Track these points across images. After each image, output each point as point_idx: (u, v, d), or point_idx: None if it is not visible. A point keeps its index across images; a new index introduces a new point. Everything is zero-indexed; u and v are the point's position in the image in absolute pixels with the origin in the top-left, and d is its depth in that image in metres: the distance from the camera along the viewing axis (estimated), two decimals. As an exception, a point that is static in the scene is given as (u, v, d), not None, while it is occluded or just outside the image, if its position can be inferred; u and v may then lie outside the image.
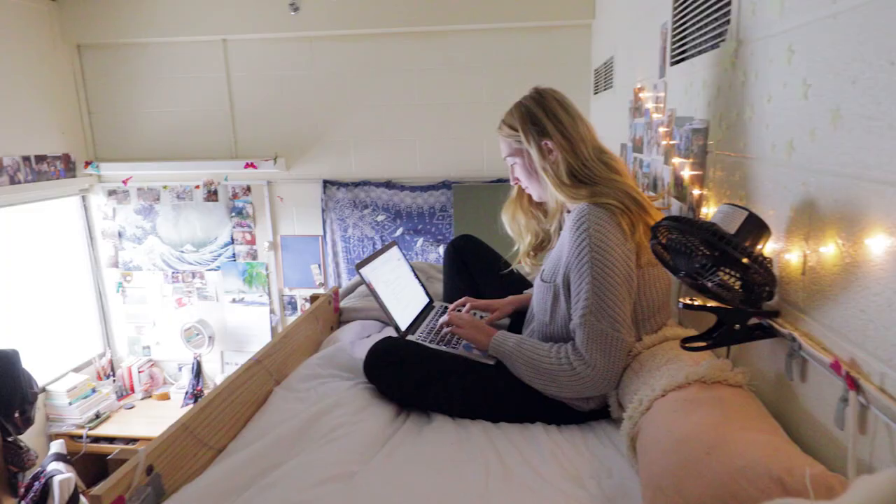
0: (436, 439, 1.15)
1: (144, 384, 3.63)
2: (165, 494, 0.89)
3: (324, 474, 0.96)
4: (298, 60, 3.30)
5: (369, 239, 3.45)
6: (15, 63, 2.99)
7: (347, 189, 3.41)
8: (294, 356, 1.42)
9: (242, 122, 3.40)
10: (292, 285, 3.58)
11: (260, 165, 3.29)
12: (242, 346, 3.64)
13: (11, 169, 2.94)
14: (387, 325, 1.71)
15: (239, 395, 1.14)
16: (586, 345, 1.17)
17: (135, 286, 3.67)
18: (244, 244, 3.53)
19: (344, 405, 1.20)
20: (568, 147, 1.28)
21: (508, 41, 3.19)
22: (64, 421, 3.24)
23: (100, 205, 3.58)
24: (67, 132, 3.33)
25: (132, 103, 3.45)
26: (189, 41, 3.31)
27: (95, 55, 3.41)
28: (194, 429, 0.97)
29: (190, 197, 3.50)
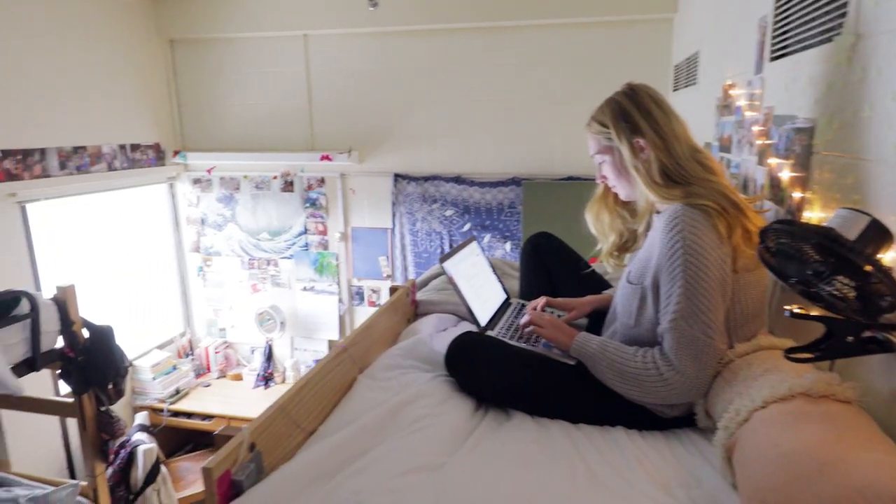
0: (517, 437, 1.15)
1: (220, 364, 3.82)
2: (265, 472, 0.93)
3: (411, 463, 0.99)
4: (375, 55, 3.36)
5: (437, 233, 3.48)
6: (114, 57, 3.19)
7: (417, 183, 3.45)
8: (375, 346, 1.45)
9: (319, 115, 3.50)
10: (360, 276, 3.66)
11: (335, 158, 3.38)
12: (311, 333, 3.76)
13: (109, 157, 3.15)
14: (462, 320, 1.72)
15: (328, 380, 1.18)
16: (676, 350, 1.14)
17: (214, 271, 3.86)
18: (316, 234, 3.64)
19: (426, 397, 1.22)
20: (661, 145, 1.24)
21: (583, 36, 3.13)
22: (147, 395, 3.46)
23: (185, 192, 3.78)
24: (159, 123, 3.54)
25: (218, 96, 3.61)
26: (272, 36, 3.44)
27: (186, 50, 3.60)
28: (290, 411, 1.02)
29: (268, 187, 3.64)
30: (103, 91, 3.12)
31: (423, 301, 1.77)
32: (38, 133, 2.74)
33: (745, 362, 1.12)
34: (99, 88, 3.09)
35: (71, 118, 2.92)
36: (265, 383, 3.68)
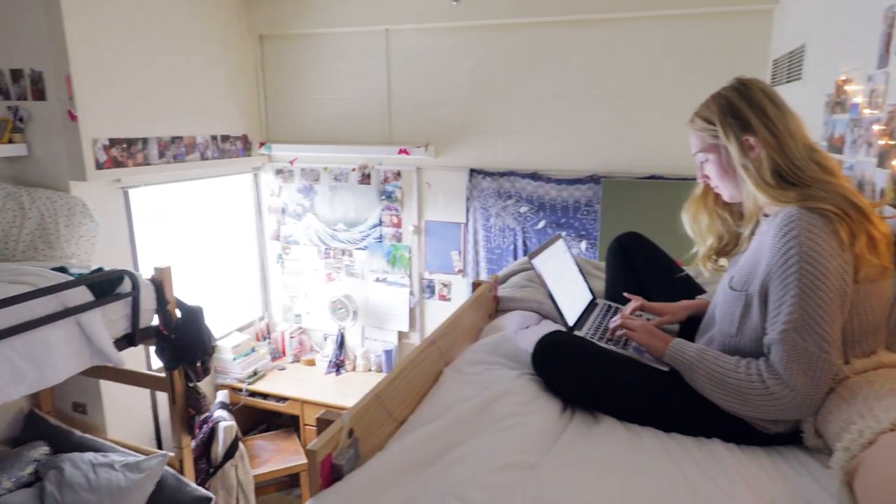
0: (608, 441, 1.12)
1: (294, 349, 3.96)
2: (361, 458, 0.95)
3: (504, 460, 0.98)
4: (455, 50, 3.36)
5: (510, 230, 3.45)
6: (210, 54, 3.36)
7: (493, 178, 3.43)
8: (459, 340, 1.45)
9: (398, 109, 3.54)
10: (432, 269, 3.69)
11: (412, 152, 3.42)
12: (382, 324, 3.83)
13: (202, 147, 3.32)
14: (545, 318, 1.69)
15: (417, 372, 1.19)
16: (785, 363, 1.07)
17: (292, 259, 3.99)
18: (391, 227, 3.70)
19: (513, 394, 1.21)
20: (774, 144, 1.17)
21: (670, 30, 3.00)
22: (228, 374, 3.63)
23: (268, 182, 3.93)
24: (247, 115, 3.69)
25: (301, 90, 3.73)
26: (355, 31, 3.51)
27: (274, 45, 3.74)
28: (384, 399, 1.03)
29: (346, 179, 3.73)
30: (199, 85, 3.29)
31: (504, 297, 1.75)
32: (141, 124, 2.92)
33: (865, 380, 1.04)
34: (195, 82, 3.26)
35: (170, 110, 3.10)
36: (336, 370, 3.78)
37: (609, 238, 3.09)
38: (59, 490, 2.49)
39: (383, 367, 3.80)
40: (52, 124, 2.63)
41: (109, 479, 2.52)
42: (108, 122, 2.74)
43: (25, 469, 2.66)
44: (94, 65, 2.65)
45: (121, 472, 2.57)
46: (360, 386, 3.62)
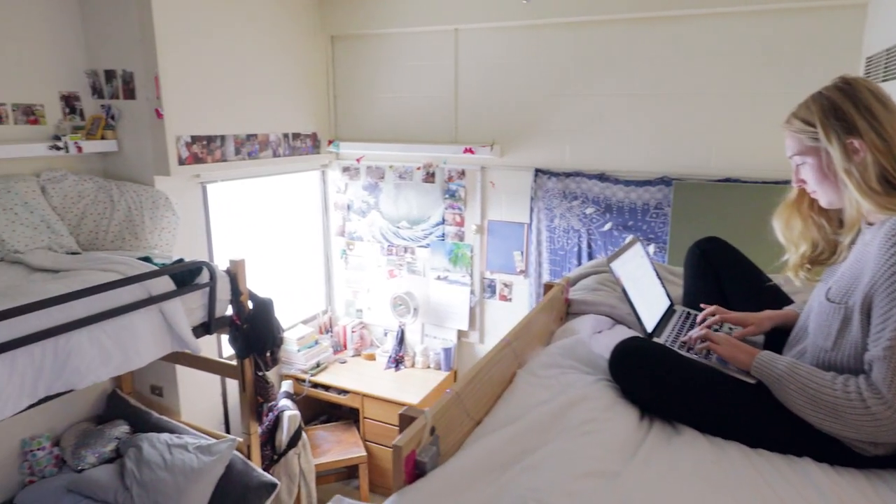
0: (691, 454, 1.08)
1: (355, 343, 4.03)
2: (441, 456, 0.95)
3: (586, 467, 0.96)
4: (523, 49, 3.33)
5: (575, 231, 3.39)
6: (284, 54, 3.47)
7: (558, 179, 3.38)
8: (532, 342, 1.44)
9: (464, 108, 3.55)
10: (494, 269, 3.67)
11: (477, 151, 3.41)
12: (442, 322, 3.85)
13: (274, 144, 3.43)
14: (618, 323, 1.65)
15: (493, 372, 1.19)
16: (889, 382, 1.00)
17: (356, 254, 4.07)
18: (453, 225, 3.71)
19: (591, 400, 1.18)
20: (883, 147, 1.10)
21: (751, 26, 2.86)
22: (292, 365, 3.74)
23: (335, 179, 4.03)
24: (317, 114, 3.79)
25: (369, 89, 3.80)
26: (425, 31, 3.54)
27: (345, 45, 3.82)
28: (464, 399, 1.03)
29: (410, 177, 3.77)
30: (273, 84, 3.40)
31: (576, 300, 1.73)
32: (220, 121, 3.05)
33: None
34: (270, 82, 3.37)
35: (246, 109, 3.22)
36: (396, 366, 3.83)
37: (680, 242, 3.02)
38: (137, 467, 2.64)
39: (442, 365, 3.82)
40: (141, 122, 2.78)
41: (183, 460, 2.65)
42: (191, 119, 2.88)
43: (108, 446, 2.84)
44: (179, 65, 2.78)
45: (194, 453, 2.69)
46: (419, 383, 3.65)
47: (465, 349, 3.86)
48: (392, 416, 3.48)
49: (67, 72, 2.75)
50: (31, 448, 2.74)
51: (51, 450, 2.79)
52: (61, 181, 2.68)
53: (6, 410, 1.77)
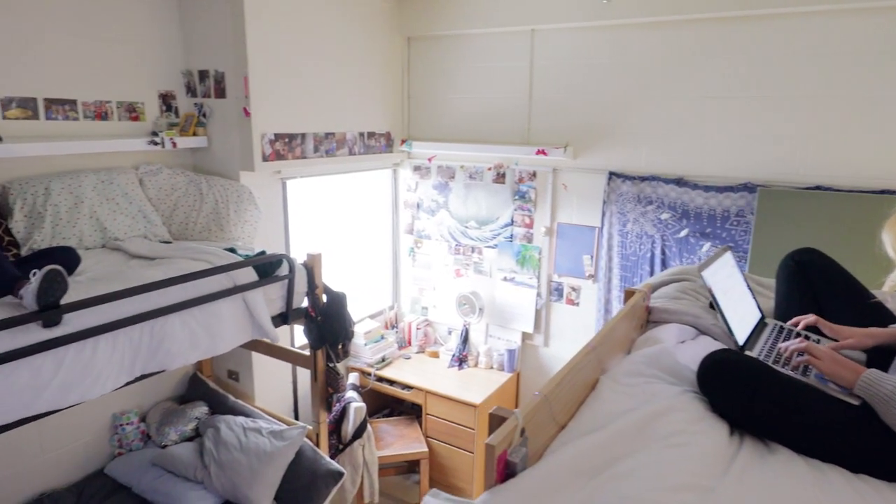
0: (788, 475, 1.04)
1: (420, 340, 4.09)
2: (529, 458, 0.96)
3: (677, 480, 0.94)
4: (602, 49, 3.27)
5: (648, 237, 3.30)
6: (362, 55, 3.56)
7: (633, 183, 3.30)
8: (613, 349, 1.42)
9: (538, 109, 3.52)
10: (561, 272, 3.63)
11: (550, 153, 3.38)
12: (507, 323, 3.84)
13: (350, 143, 3.53)
14: (702, 334, 1.60)
15: (578, 377, 1.18)
16: None
17: (423, 253, 4.13)
18: (522, 227, 3.69)
19: (679, 411, 1.15)
20: None
21: (846, 25, 2.68)
22: (359, 358, 3.83)
23: (405, 178, 4.09)
24: (391, 113, 3.87)
25: (443, 89, 3.84)
26: (501, 32, 3.54)
27: (420, 46, 3.88)
28: (552, 402, 1.03)
29: (480, 178, 3.78)
30: (351, 84, 3.49)
31: (658, 308, 1.68)
32: (301, 120, 3.16)
33: None
34: (349, 82, 3.47)
35: (325, 108, 3.32)
36: (459, 364, 3.86)
37: (763, 252, 2.88)
38: (215, 447, 2.78)
39: (505, 367, 3.81)
40: (229, 120, 2.93)
41: (257, 443, 2.77)
42: (275, 118, 3.00)
43: (188, 425, 3.00)
44: (266, 66, 2.91)
45: (267, 437, 2.81)
46: (481, 382, 3.66)
47: (529, 352, 3.84)
48: (454, 413, 3.51)
49: (165, 72, 2.93)
50: (121, 422, 2.94)
51: (138, 425, 2.99)
52: (157, 174, 2.86)
53: (108, 386, 1.90)
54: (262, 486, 2.65)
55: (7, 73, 2.35)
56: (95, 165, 2.66)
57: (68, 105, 2.55)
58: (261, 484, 2.65)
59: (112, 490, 2.74)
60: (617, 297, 3.42)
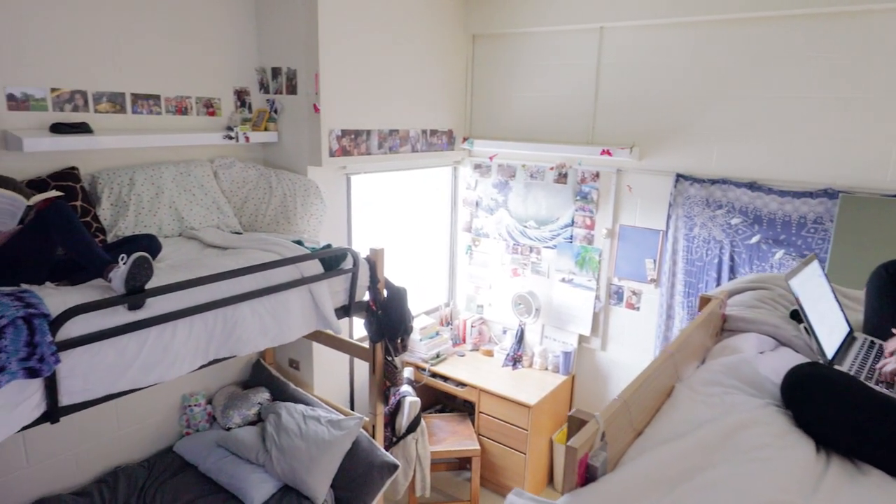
0: (883, 499, 0.98)
1: (474, 338, 4.09)
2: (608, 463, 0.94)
3: (763, 496, 0.91)
4: (674, 47, 3.18)
5: (717, 242, 3.19)
6: (428, 52, 3.58)
7: (702, 186, 3.19)
8: (688, 357, 1.38)
9: (603, 109, 3.46)
10: (622, 276, 3.55)
11: (615, 153, 3.31)
12: (563, 325, 3.80)
13: (413, 140, 3.56)
14: (782, 345, 1.53)
15: (655, 383, 1.15)
16: None
17: (481, 251, 4.13)
18: (583, 228, 3.63)
19: (762, 425, 1.11)
20: None
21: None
22: (414, 353, 3.87)
23: (465, 176, 4.10)
24: (454, 111, 3.89)
25: (506, 87, 3.82)
26: (568, 30, 3.49)
27: (485, 44, 3.87)
28: (631, 407, 1.01)
29: (541, 177, 3.74)
30: (416, 82, 3.53)
31: (734, 316, 1.62)
32: (367, 116, 3.22)
33: None
34: (414, 80, 3.51)
35: (390, 105, 3.37)
36: (513, 364, 3.84)
37: (843, 262, 2.74)
38: (277, 432, 2.87)
39: (560, 369, 3.77)
40: (299, 116, 3.01)
41: (316, 431, 2.84)
42: (342, 114, 3.06)
43: (251, 409, 3.12)
44: (336, 64, 2.97)
45: (325, 426, 2.88)
46: (536, 383, 3.63)
47: (586, 355, 3.78)
48: (508, 413, 3.49)
49: (241, 69, 3.04)
50: (190, 404, 3.08)
51: (205, 407, 3.12)
52: (230, 167, 2.98)
53: (184, 368, 2.00)
54: (320, 473, 2.72)
55: (99, 70, 2.49)
56: (175, 158, 2.80)
57: (152, 100, 2.69)
58: (318, 471, 2.72)
59: (180, 467, 2.87)
60: (680, 302, 3.32)
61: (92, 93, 2.48)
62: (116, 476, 2.74)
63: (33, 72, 2.30)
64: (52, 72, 2.35)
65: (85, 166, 2.49)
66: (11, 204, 1.87)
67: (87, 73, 2.45)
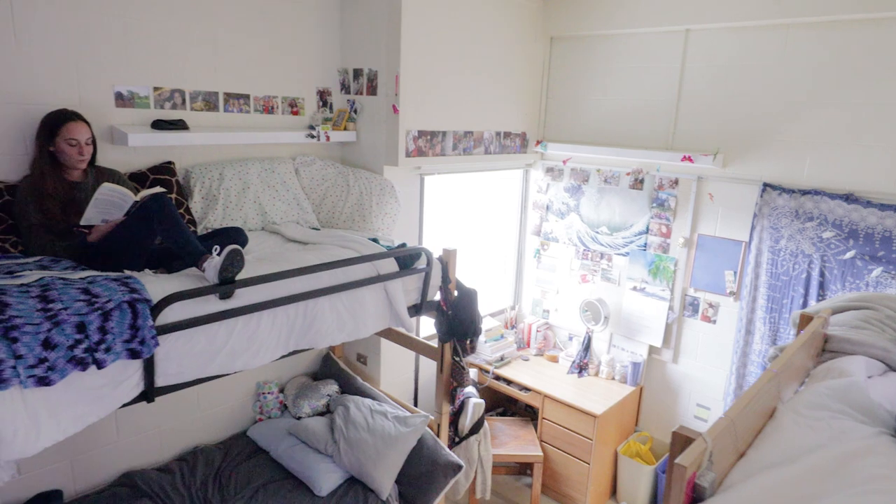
0: None
1: (539, 343, 4.05)
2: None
3: (888, 532, 0.85)
4: (765, 50, 3.03)
5: (805, 256, 3.02)
6: (505, 55, 3.57)
7: (791, 196, 3.03)
8: (790, 378, 1.31)
9: (686, 113, 3.34)
10: (698, 287, 3.42)
11: (696, 159, 3.19)
12: (633, 334, 3.70)
13: (487, 142, 3.56)
14: (892, 370, 1.43)
15: (759, 404, 1.10)
16: None
17: (549, 255, 4.08)
18: (658, 236, 3.52)
19: (878, 455, 1.04)
20: None
21: None
22: (478, 355, 3.87)
23: (537, 179, 4.06)
24: (528, 114, 3.86)
25: (582, 90, 3.76)
26: (651, 32, 3.39)
27: (563, 46, 3.82)
28: (737, 426, 0.97)
29: (616, 182, 3.66)
30: (492, 84, 3.53)
31: (837, 337, 1.53)
32: (443, 118, 3.24)
33: None
34: (490, 82, 3.51)
35: (467, 106, 3.38)
36: (579, 371, 3.77)
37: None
38: (345, 424, 2.94)
39: (628, 379, 3.67)
40: (378, 116, 3.07)
41: (383, 426, 2.89)
42: (419, 115, 3.10)
43: (321, 400, 3.20)
44: (416, 66, 3.01)
45: (392, 422, 2.92)
46: (602, 392, 3.55)
47: (656, 366, 3.66)
48: (572, 421, 3.43)
49: (324, 70, 3.13)
50: (263, 391, 3.20)
51: (277, 395, 3.23)
52: (310, 165, 3.07)
53: (266, 357, 2.07)
54: (386, 468, 2.76)
55: (196, 70, 2.63)
56: (260, 155, 2.91)
57: (242, 99, 2.81)
58: (384, 465, 2.76)
59: (253, 452, 2.99)
60: (762, 318, 3.17)
61: (189, 92, 2.61)
62: (195, 455, 2.88)
63: (139, 72, 2.45)
64: (155, 72, 2.50)
65: (180, 161, 2.63)
66: (121, 198, 2.00)
67: (186, 73, 2.59)
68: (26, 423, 1.47)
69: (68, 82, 2.25)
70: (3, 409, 1.42)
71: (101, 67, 2.33)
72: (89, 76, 2.30)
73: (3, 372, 1.41)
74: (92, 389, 1.62)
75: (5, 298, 1.53)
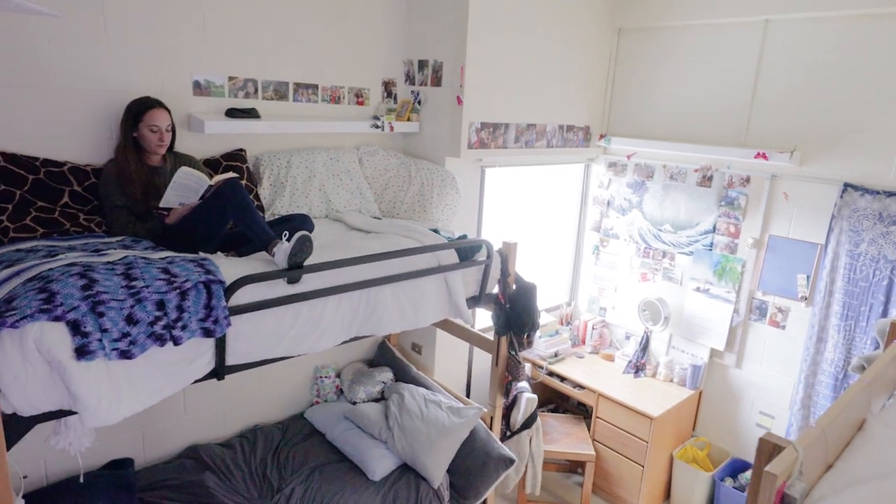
0: None
1: (594, 341, 3.98)
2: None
3: None
4: (849, 42, 2.85)
5: (888, 262, 2.84)
6: (570, 47, 3.50)
7: (875, 198, 2.85)
8: (879, 389, 1.23)
9: (761, 109, 3.19)
10: (767, 290, 3.27)
11: (771, 157, 3.05)
12: (694, 337, 3.58)
13: (550, 135, 3.51)
14: None
15: (849, 415, 1.04)
16: None
17: (608, 252, 4.00)
18: (726, 235, 3.39)
19: (984, 476, 0.97)
20: None
21: None
22: (532, 350, 3.84)
23: (598, 174, 3.98)
24: (592, 107, 3.78)
25: (649, 84, 3.64)
26: (727, 23, 3.25)
27: (631, 38, 3.71)
28: (828, 436, 0.92)
29: (682, 179, 3.54)
30: (556, 76, 3.46)
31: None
32: (506, 110, 3.22)
33: None
34: (554, 74, 3.44)
35: (530, 98, 3.34)
36: (636, 372, 3.68)
37: None
38: (399, 412, 2.98)
39: (687, 383, 3.56)
40: (442, 107, 3.08)
41: (437, 416, 2.91)
42: (483, 107, 3.08)
43: (376, 387, 3.26)
44: (480, 56, 2.99)
45: (445, 412, 2.94)
46: (659, 394, 3.46)
47: (717, 371, 3.54)
48: (627, 422, 3.36)
49: (389, 61, 3.16)
50: (321, 375, 3.28)
51: (334, 380, 3.31)
52: (373, 155, 3.11)
53: (329, 342, 2.12)
54: (438, 457, 2.79)
55: (268, 60, 2.70)
56: (325, 144, 2.97)
57: (311, 89, 2.87)
58: (437, 455, 2.78)
59: (309, 433, 3.07)
60: (836, 325, 3.00)
61: (261, 81, 2.69)
62: (255, 433, 2.99)
63: (215, 62, 2.54)
64: (230, 61, 2.58)
65: (250, 148, 2.72)
66: (197, 183, 2.09)
67: (258, 62, 2.67)
68: (109, 393, 1.56)
69: (151, 71, 2.36)
70: (90, 380, 1.51)
71: (180, 57, 2.43)
72: (170, 66, 2.41)
73: (90, 344, 1.49)
74: (168, 364, 1.70)
75: (93, 275, 1.62)
